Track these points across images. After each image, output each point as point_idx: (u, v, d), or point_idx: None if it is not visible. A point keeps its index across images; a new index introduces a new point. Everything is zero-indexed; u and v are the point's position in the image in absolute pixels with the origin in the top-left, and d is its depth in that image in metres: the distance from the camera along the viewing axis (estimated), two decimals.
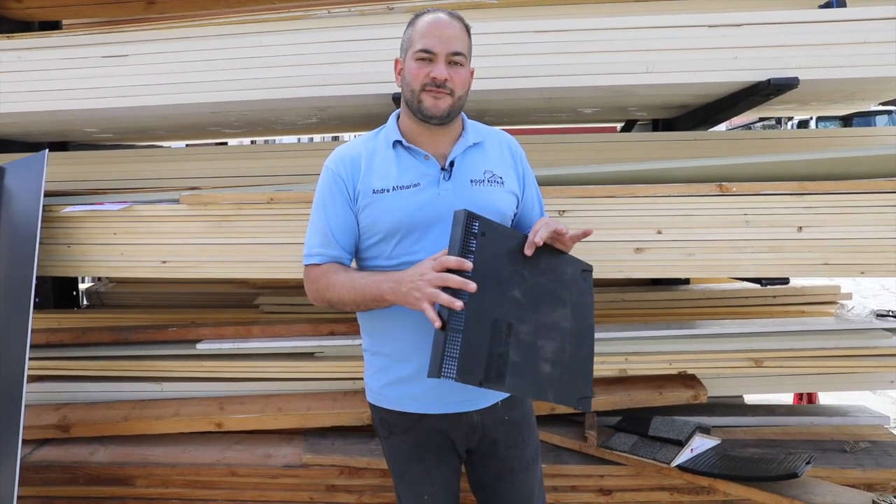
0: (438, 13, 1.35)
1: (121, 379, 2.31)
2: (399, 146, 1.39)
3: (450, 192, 1.36)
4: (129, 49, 2.14)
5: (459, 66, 1.35)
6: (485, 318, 1.19)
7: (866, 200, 1.89)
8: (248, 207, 1.99)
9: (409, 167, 1.38)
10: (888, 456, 1.98)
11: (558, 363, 1.26)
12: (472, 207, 1.34)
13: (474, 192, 1.38)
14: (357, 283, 1.32)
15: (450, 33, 1.33)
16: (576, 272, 1.38)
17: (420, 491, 1.46)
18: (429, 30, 1.33)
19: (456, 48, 1.33)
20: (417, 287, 1.19)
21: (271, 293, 2.63)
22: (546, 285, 1.30)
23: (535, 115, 2.80)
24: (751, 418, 2.27)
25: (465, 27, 1.38)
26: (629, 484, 2.04)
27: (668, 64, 1.97)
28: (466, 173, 1.39)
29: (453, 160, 1.39)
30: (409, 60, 1.36)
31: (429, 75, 1.32)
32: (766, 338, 2.09)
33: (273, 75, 2.08)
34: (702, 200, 1.91)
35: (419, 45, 1.33)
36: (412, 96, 1.35)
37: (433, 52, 1.32)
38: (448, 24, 1.34)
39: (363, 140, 1.45)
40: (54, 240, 2.09)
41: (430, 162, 1.38)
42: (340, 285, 1.33)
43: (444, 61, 1.32)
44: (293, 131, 3.42)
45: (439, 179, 1.37)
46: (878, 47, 1.93)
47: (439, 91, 1.33)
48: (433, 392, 1.37)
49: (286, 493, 2.11)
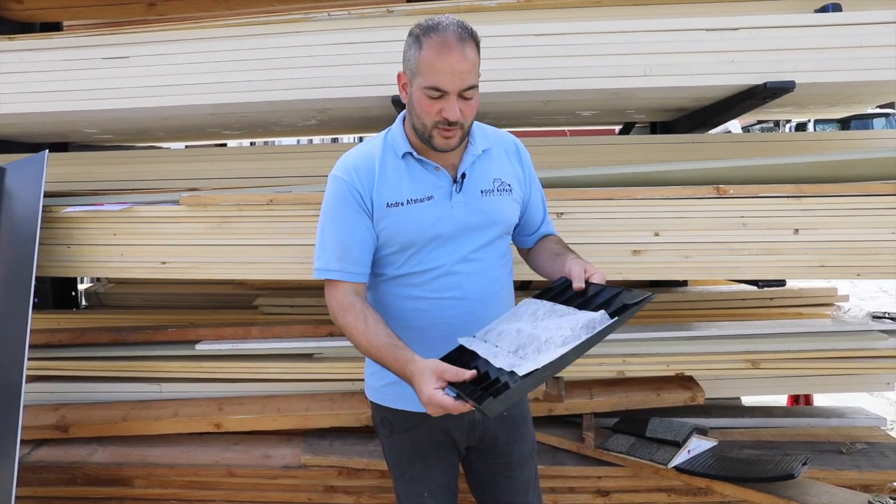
0: (447, 34, 1.23)
1: (120, 379, 2.31)
2: (409, 157, 1.36)
3: (462, 205, 1.37)
4: (130, 51, 2.15)
5: (470, 99, 1.27)
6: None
7: (862, 203, 1.90)
8: (248, 209, 2.00)
9: (421, 179, 1.36)
10: (884, 457, 1.99)
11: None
12: (483, 218, 1.38)
13: (484, 202, 1.39)
14: (383, 344, 1.27)
15: (462, 68, 1.23)
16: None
17: (420, 489, 1.47)
18: (440, 63, 1.22)
19: (468, 83, 1.25)
20: (440, 401, 1.14)
21: (270, 294, 2.63)
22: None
23: (534, 118, 2.82)
24: (748, 420, 2.28)
25: (476, 45, 1.27)
26: (627, 485, 2.05)
27: (666, 67, 1.98)
28: (477, 184, 1.39)
29: (465, 172, 1.38)
30: (417, 90, 1.27)
31: (440, 113, 1.25)
32: (762, 339, 2.10)
33: (273, 77, 2.08)
34: (699, 203, 1.92)
35: (429, 80, 1.24)
36: (423, 129, 1.30)
37: (445, 91, 1.24)
38: (460, 56, 1.22)
39: (371, 148, 1.39)
40: (54, 240, 2.10)
41: (441, 173, 1.37)
42: (365, 331, 1.30)
43: (455, 97, 1.25)
44: (293, 133, 3.43)
45: (451, 192, 1.36)
46: (874, 51, 1.94)
47: (451, 129, 1.28)
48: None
49: (285, 493, 2.12)
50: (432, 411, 1.15)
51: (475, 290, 1.39)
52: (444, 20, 1.26)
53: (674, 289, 2.74)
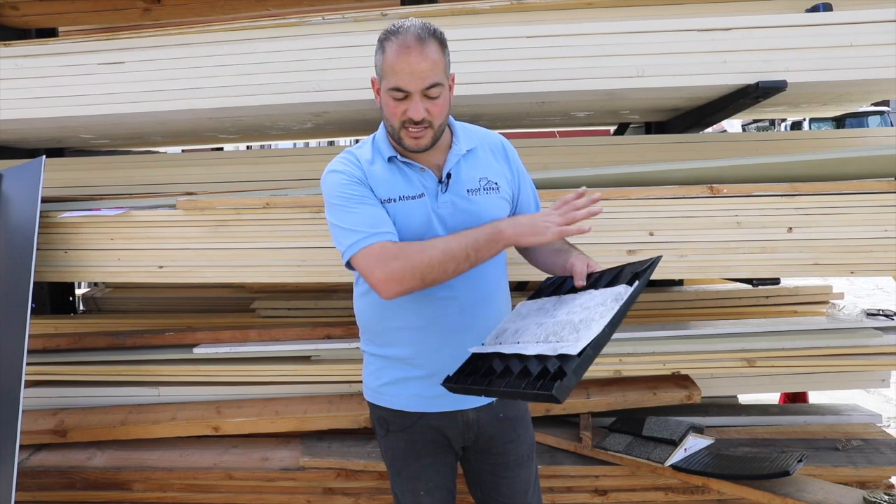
0: (407, 37, 1.24)
1: (118, 384, 2.32)
2: (395, 160, 1.38)
3: (448, 205, 1.38)
4: (125, 56, 2.15)
5: (436, 97, 1.28)
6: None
7: (856, 201, 1.91)
8: (245, 212, 2.01)
9: (410, 177, 1.38)
10: (880, 454, 2.00)
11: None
12: (470, 217, 1.38)
13: (471, 202, 1.40)
14: (464, 234, 1.29)
15: (422, 67, 1.24)
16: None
17: (416, 487, 1.48)
18: (399, 64, 1.24)
19: (430, 82, 1.25)
20: (548, 218, 1.29)
21: (267, 297, 2.64)
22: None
23: (528, 119, 2.83)
24: (744, 418, 2.29)
25: (439, 45, 1.27)
26: (624, 484, 2.06)
27: (659, 68, 1.99)
28: (463, 183, 1.40)
29: (449, 172, 1.39)
30: (384, 92, 1.29)
31: (406, 114, 1.27)
32: (758, 338, 2.11)
33: (268, 81, 2.09)
34: (693, 202, 1.93)
35: (391, 81, 1.26)
36: (392, 130, 1.33)
37: (407, 91, 1.26)
38: (419, 56, 1.23)
39: (360, 153, 1.41)
40: (52, 245, 2.10)
41: (426, 174, 1.38)
42: (440, 242, 1.28)
43: (420, 97, 1.26)
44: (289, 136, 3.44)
45: (437, 192, 1.38)
46: (865, 50, 1.95)
47: (418, 129, 1.29)
48: (431, 391, 1.39)
49: (283, 496, 2.12)
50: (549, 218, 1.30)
51: (466, 290, 1.40)
52: (406, 23, 1.27)
53: (669, 288, 2.74)
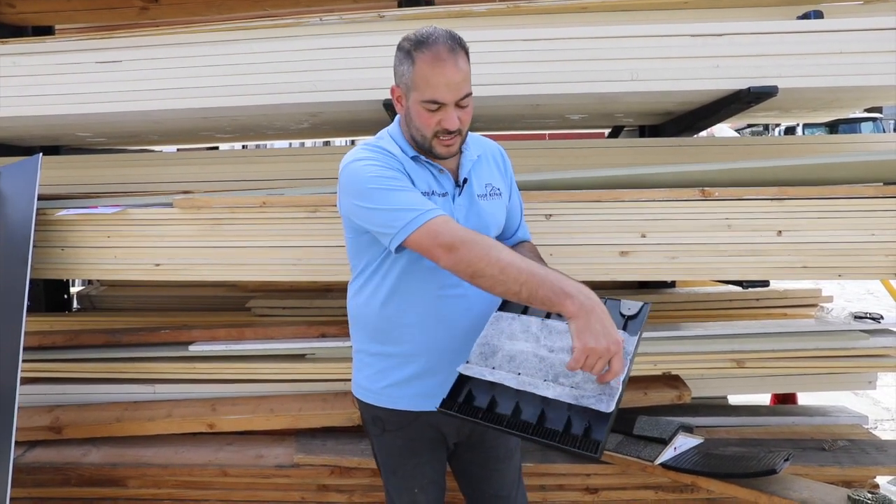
0: (439, 48, 1.25)
1: (113, 381, 2.33)
2: (419, 160, 1.39)
3: (462, 208, 1.41)
4: (122, 55, 2.16)
5: (466, 106, 1.31)
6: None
7: (844, 205, 1.94)
8: (241, 211, 2.02)
9: (435, 176, 1.40)
10: (865, 454, 2.03)
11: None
12: (479, 221, 1.41)
13: (480, 206, 1.43)
14: (531, 264, 1.19)
15: (457, 80, 1.26)
16: None
17: (412, 485, 1.50)
18: (435, 78, 1.25)
19: (464, 92, 1.28)
20: (607, 338, 1.10)
21: (263, 296, 2.65)
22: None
23: (523, 122, 2.85)
24: (733, 418, 2.32)
25: (466, 55, 1.30)
26: (615, 482, 2.09)
27: (652, 72, 2.01)
28: (473, 188, 1.44)
29: (466, 177, 1.42)
30: (414, 104, 1.30)
31: (440, 124, 1.29)
32: (747, 339, 2.14)
33: (265, 81, 2.10)
34: (685, 205, 1.95)
35: (426, 94, 1.27)
36: (423, 140, 1.34)
37: (442, 103, 1.27)
38: (454, 67, 1.25)
39: (384, 144, 1.38)
40: (49, 242, 2.11)
41: (445, 175, 1.41)
42: (502, 257, 1.19)
43: (452, 107, 1.28)
44: (285, 136, 3.46)
45: (454, 195, 1.41)
46: (855, 57, 1.98)
47: (450, 137, 1.32)
48: (435, 390, 1.38)
49: (278, 492, 2.14)
50: (614, 349, 1.10)
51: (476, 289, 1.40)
52: (433, 32, 1.27)
53: (661, 290, 2.77)
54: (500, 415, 1.25)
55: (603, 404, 1.14)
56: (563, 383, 1.21)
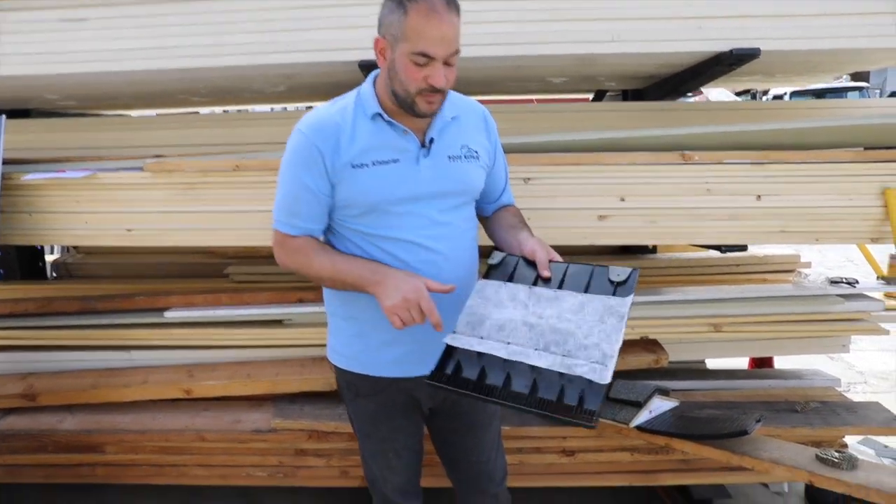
0: (434, 1, 1.21)
1: (88, 348, 2.30)
2: (379, 118, 1.35)
3: (429, 169, 1.37)
4: (88, 13, 2.08)
5: (453, 65, 1.27)
6: None
7: (823, 170, 1.94)
8: (214, 175, 1.98)
9: (387, 141, 1.35)
10: (836, 415, 2.06)
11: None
12: (449, 183, 1.38)
13: (451, 168, 1.39)
14: (338, 267, 1.36)
15: (450, 34, 1.22)
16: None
17: (385, 448, 1.50)
18: (429, 30, 1.20)
19: (455, 48, 1.25)
20: (400, 291, 1.26)
21: (240, 262, 2.62)
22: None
23: (505, 85, 2.81)
24: (710, 381, 2.34)
25: (458, 11, 1.26)
26: (591, 445, 2.11)
27: (634, 33, 1.98)
28: (444, 149, 1.39)
29: (432, 137, 1.37)
30: (401, 56, 1.24)
31: (426, 80, 1.24)
32: (725, 304, 2.15)
33: (239, 41, 2.04)
34: (664, 169, 1.94)
35: (418, 45, 1.21)
36: (405, 95, 1.28)
37: (432, 57, 1.23)
38: (448, 22, 1.22)
39: (339, 109, 1.36)
40: (15, 208, 2.06)
41: (409, 137, 1.36)
42: (320, 265, 1.37)
43: (442, 63, 1.24)
44: (263, 100, 3.38)
45: (418, 156, 1.36)
46: (838, 19, 1.96)
47: (434, 95, 1.27)
48: (408, 357, 1.40)
49: (255, 457, 2.15)
50: (412, 296, 1.24)
51: (446, 253, 1.39)
52: None
53: (641, 255, 2.78)
54: (491, 386, 1.23)
55: (597, 374, 1.14)
56: (555, 352, 1.20)
